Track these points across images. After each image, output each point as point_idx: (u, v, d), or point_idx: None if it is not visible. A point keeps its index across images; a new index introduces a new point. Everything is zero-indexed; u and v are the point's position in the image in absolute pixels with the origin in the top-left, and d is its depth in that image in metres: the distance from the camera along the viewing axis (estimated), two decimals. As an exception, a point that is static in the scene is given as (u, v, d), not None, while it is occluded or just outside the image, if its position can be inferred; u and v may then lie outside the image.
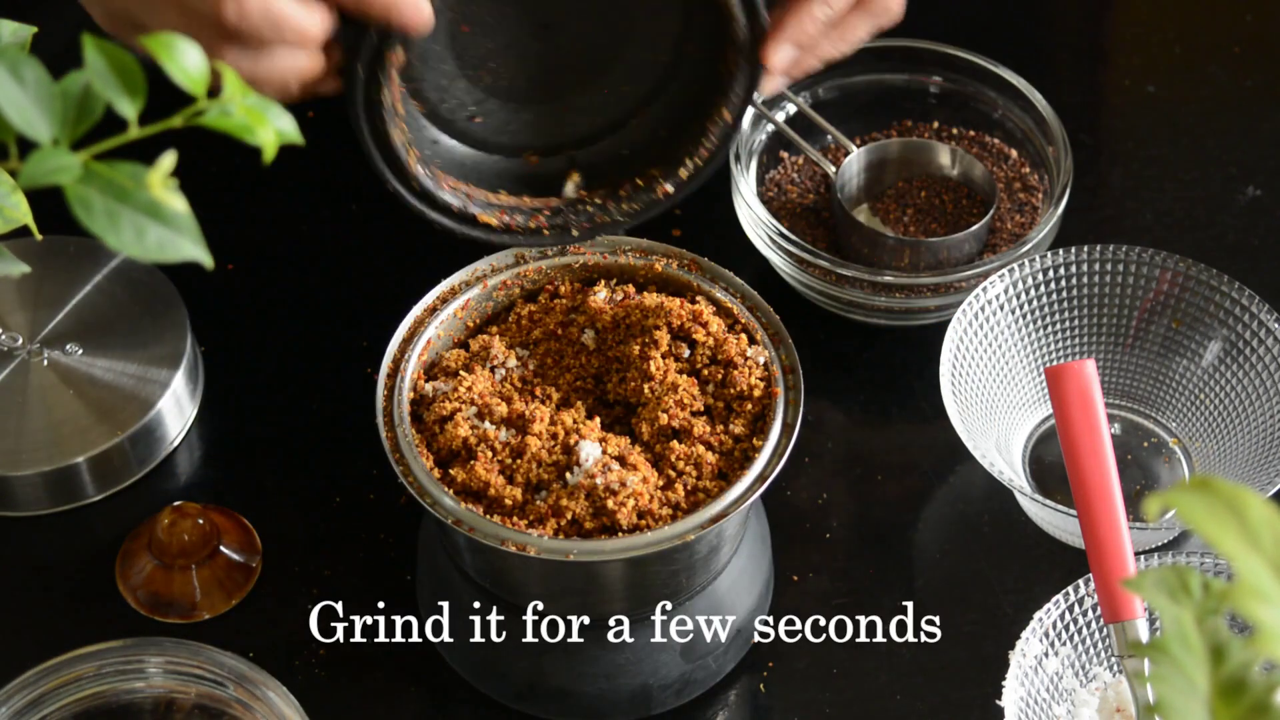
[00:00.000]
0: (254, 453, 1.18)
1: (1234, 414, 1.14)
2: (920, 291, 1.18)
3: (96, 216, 0.69)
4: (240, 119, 0.72)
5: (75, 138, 0.71)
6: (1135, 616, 0.97)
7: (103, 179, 0.69)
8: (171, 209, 0.69)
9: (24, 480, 1.12)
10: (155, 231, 0.69)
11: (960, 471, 1.17)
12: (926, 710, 1.07)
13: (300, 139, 0.75)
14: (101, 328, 1.17)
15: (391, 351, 1.02)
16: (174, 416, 1.16)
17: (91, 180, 0.69)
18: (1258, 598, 0.64)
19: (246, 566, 1.11)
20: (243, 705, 1.00)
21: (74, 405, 1.14)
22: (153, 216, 0.69)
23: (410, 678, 1.08)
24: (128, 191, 0.69)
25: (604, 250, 1.06)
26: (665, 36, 1.04)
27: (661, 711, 1.06)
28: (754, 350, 1.02)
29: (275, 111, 0.73)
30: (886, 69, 1.29)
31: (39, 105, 0.70)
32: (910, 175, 1.26)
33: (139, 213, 0.69)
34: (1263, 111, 1.36)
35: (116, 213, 0.69)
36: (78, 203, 0.69)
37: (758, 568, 1.08)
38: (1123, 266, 1.16)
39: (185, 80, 0.71)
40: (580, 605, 1.02)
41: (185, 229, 0.70)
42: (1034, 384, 1.17)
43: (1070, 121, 1.28)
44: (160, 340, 1.17)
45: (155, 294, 1.19)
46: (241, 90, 0.72)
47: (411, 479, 0.97)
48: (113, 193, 0.69)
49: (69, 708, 1.01)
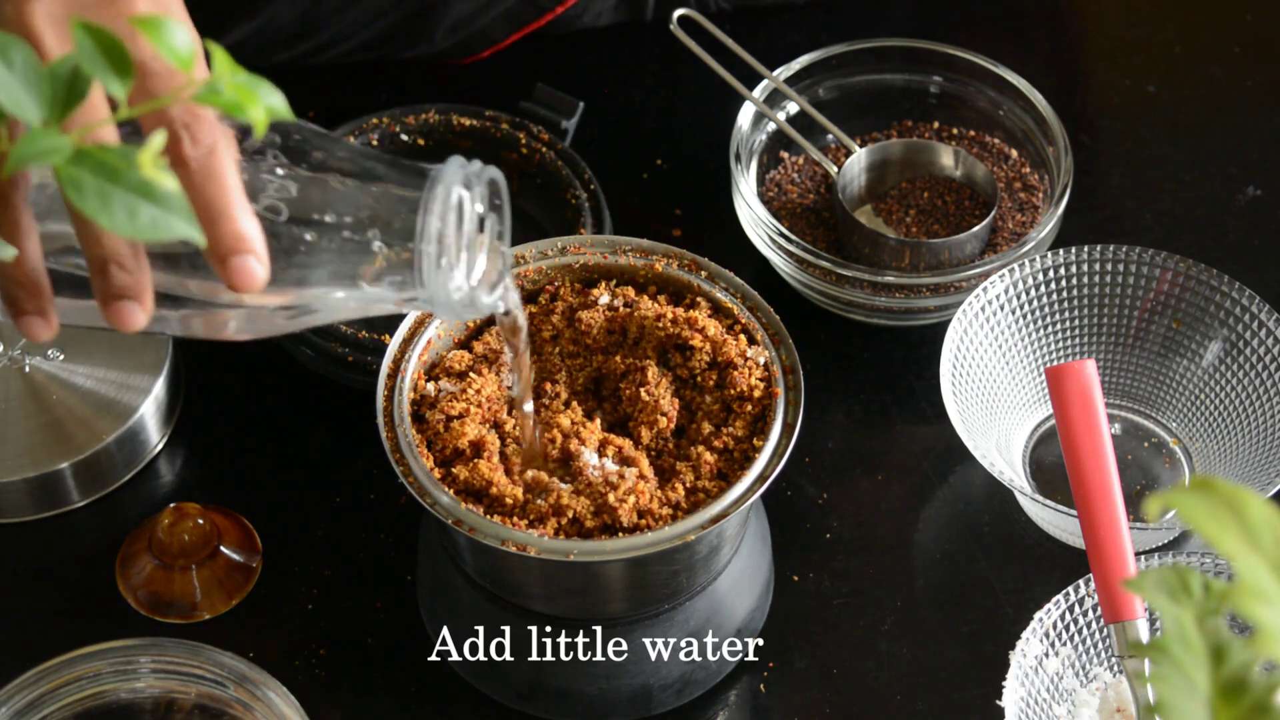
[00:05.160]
0: (239, 454, 1.17)
1: (1234, 414, 1.14)
2: (920, 291, 1.18)
3: (88, 197, 0.69)
4: (230, 96, 0.72)
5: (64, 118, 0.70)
6: (1135, 616, 0.97)
7: (93, 160, 0.69)
8: (163, 188, 0.69)
9: (9, 487, 1.12)
10: (147, 211, 0.69)
11: (960, 471, 1.17)
12: (926, 710, 1.07)
13: (291, 115, 0.74)
14: (83, 334, 1.17)
15: (391, 351, 1.02)
16: (157, 421, 1.16)
17: (82, 161, 0.69)
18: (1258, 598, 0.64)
19: (246, 566, 1.11)
20: (243, 705, 1.00)
21: (57, 411, 1.14)
22: (144, 196, 0.69)
23: (410, 678, 1.08)
24: (119, 172, 0.69)
25: (604, 250, 1.06)
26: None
27: (661, 711, 1.06)
28: (754, 351, 1.02)
29: (265, 89, 0.72)
30: (886, 69, 1.29)
31: (27, 87, 0.70)
32: (913, 176, 1.26)
33: (130, 193, 0.69)
34: (1263, 111, 1.36)
35: (108, 193, 0.69)
36: (69, 183, 0.68)
37: (758, 568, 1.08)
38: (1123, 266, 1.16)
39: (174, 59, 0.71)
40: (580, 605, 1.02)
41: (177, 208, 0.69)
42: (1034, 384, 1.17)
43: (1070, 121, 1.28)
44: (142, 346, 1.16)
45: None
46: (231, 68, 0.72)
47: (411, 479, 0.97)
48: (104, 173, 0.69)
49: (69, 708, 1.01)
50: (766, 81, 1.26)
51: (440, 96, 1.29)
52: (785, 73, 1.27)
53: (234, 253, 0.80)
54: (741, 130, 1.24)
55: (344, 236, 0.83)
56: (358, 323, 1.19)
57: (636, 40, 1.39)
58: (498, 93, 1.33)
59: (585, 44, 1.38)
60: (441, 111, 1.27)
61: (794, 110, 1.27)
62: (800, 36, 1.37)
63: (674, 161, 1.33)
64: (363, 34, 1.33)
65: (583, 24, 1.38)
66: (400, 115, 1.26)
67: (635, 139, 1.34)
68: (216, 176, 0.79)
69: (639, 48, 1.39)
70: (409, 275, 0.84)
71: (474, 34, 1.35)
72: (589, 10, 1.38)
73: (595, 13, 1.38)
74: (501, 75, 1.37)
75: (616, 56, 1.38)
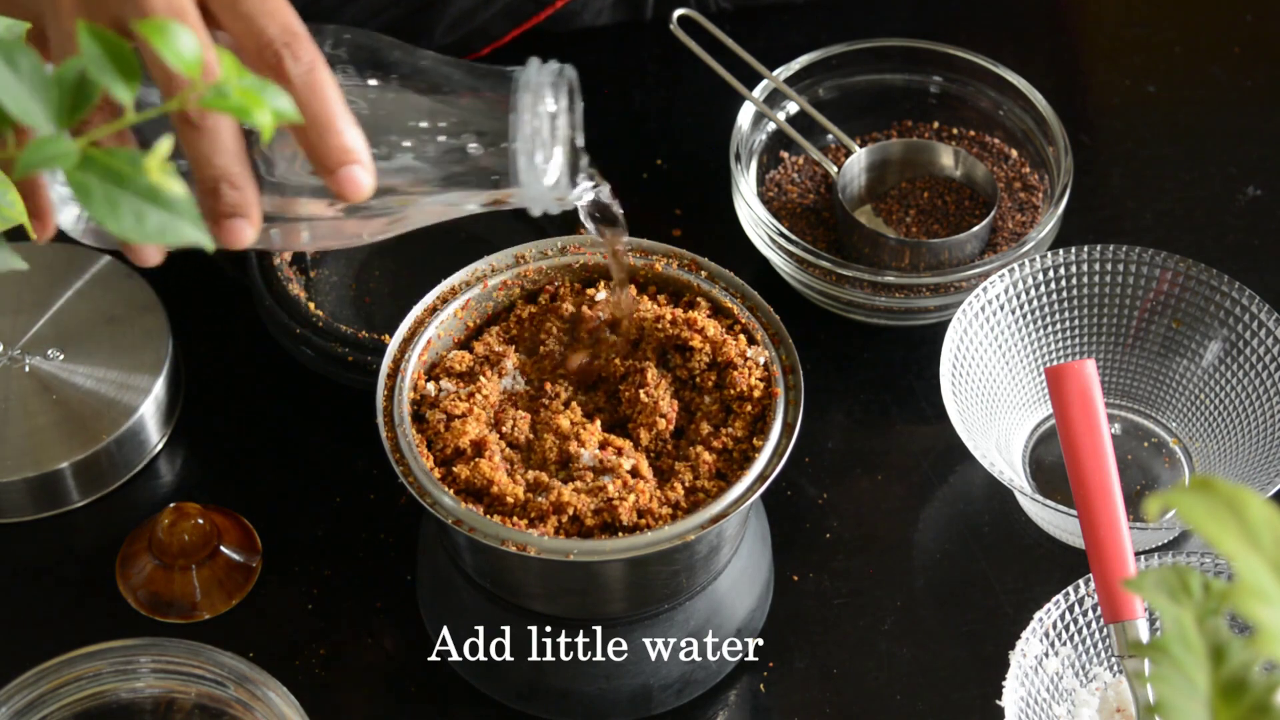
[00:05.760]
0: (239, 454, 1.17)
1: (1234, 414, 1.14)
2: (920, 291, 1.18)
3: (96, 202, 0.69)
4: (237, 100, 0.72)
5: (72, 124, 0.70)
6: (1135, 616, 0.97)
7: (101, 164, 0.69)
8: (171, 193, 0.69)
9: (9, 487, 1.12)
10: (155, 216, 0.69)
11: (960, 471, 1.17)
12: (926, 710, 1.07)
13: (299, 118, 0.75)
14: (83, 333, 1.17)
15: (391, 351, 1.02)
16: (157, 421, 1.16)
17: (90, 166, 0.69)
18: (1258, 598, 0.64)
19: (246, 566, 1.11)
20: (243, 705, 1.00)
21: (57, 411, 1.14)
22: (152, 201, 0.69)
23: (410, 678, 1.08)
24: (126, 176, 0.69)
25: (604, 250, 1.06)
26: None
27: (661, 711, 1.06)
28: (754, 350, 1.02)
29: (272, 92, 0.73)
30: (886, 69, 1.29)
31: (35, 93, 0.70)
32: (913, 176, 1.26)
33: (138, 197, 0.69)
34: (1263, 111, 1.36)
35: (116, 198, 0.69)
36: (77, 188, 0.69)
37: (758, 568, 1.08)
38: (1123, 266, 1.16)
39: (179, 64, 0.71)
40: (580, 605, 1.02)
41: (185, 212, 0.70)
42: (1034, 384, 1.17)
43: (1070, 121, 1.28)
44: (142, 346, 1.16)
45: (136, 299, 1.18)
46: (238, 72, 0.72)
47: (411, 479, 0.97)
48: (112, 178, 0.69)
49: (69, 708, 1.01)
50: (766, 81, 1.26)
51: (440, 96, 1.29)
52: (785, 73, 1.27)
53: (342, 163, 0.84)
54: (741, 130, 1.24)
55: (439, 142, 0.88)
56: (358, 323, 1.19)
57: (636, 40, 1.39)
58: (497, 93, 1.33)
59: (585, 44, 1.38)
60: (441, 111, 1.27)
61: (794, 110, 1.27)
62: (800, 36, 1.37)
63: (674, 161, 1.33)
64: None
65: (582, 22, 1.38)
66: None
67: (635, 139, 1.34)
68: (319, 91, 0.83)
69: (639, 47, 1.39)
70: (504, 174, 0.89)
71: (474, 30, 1.35)
72: (588, 8, 1.38)
73: (595, 10, 1.38)
74: (501, 75, 1.36)
75: (616, 56, 1.38)
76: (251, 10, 0.83)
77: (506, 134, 0.89)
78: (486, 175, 0.90)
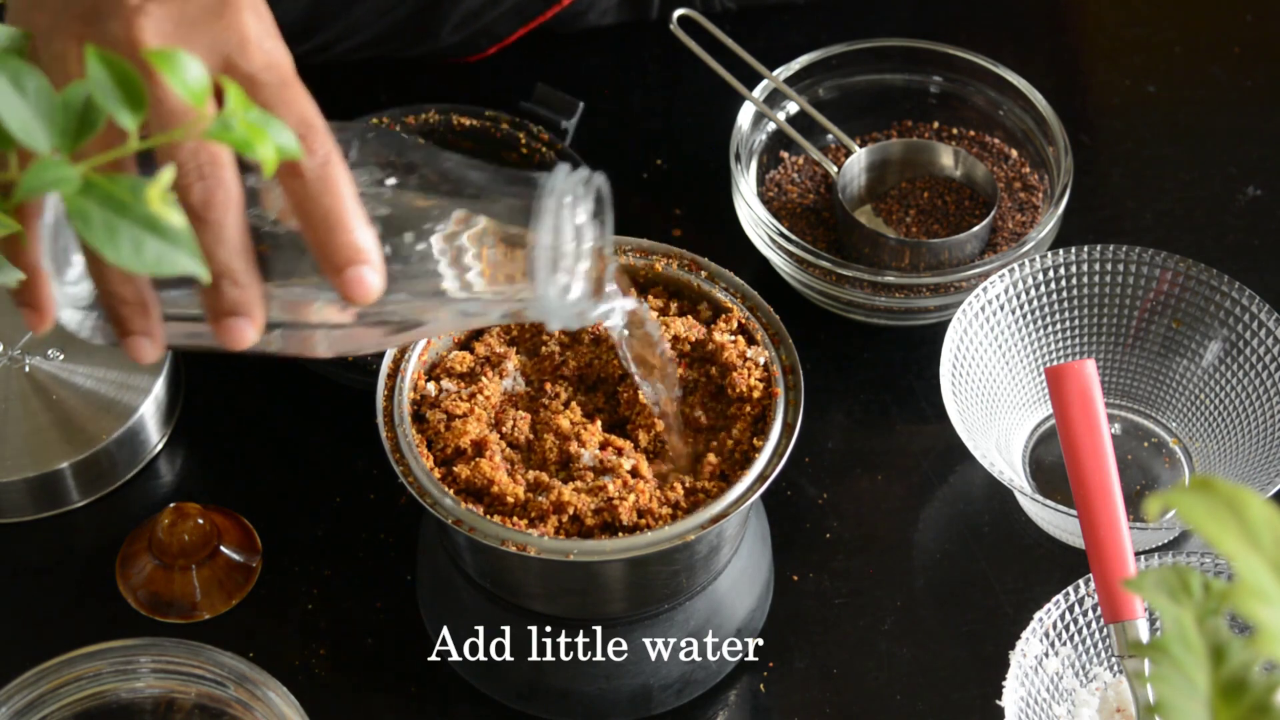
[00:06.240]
0: (239, 454, 1.17)
1: (1234, 414, 1.14)
2: (920, 291, 1.18)
3: (95, 229, 0.68)
4: (241, 134, 0.71)
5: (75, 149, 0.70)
6: (1135, 616, 0.97)
7: (102, 192, 0.69)
8: (169, 223, 0.69)
9: (9, 487, 1.12)
10: (153, 245, 0.69)
11: (960, 471, 1.17)
12: (926, 710, 1.07)
13: (302, 154, 0.74)
14: None
15: (391, 351, 1.02)
16: (157, 421, 1.16)
17: (90, 193, 0.69)
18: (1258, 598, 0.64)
19: (246, 566, 1.11)
20: (243, 705, 1.00)
21: (57, 411, 1.14)
22: (151, 230, 0.69)
23: (410, 678, 1.08)
24: (126, 205, 0.69)
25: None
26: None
27: (661, 711, 1.06)
28: (754, 351, 1.02)
29: (276, 127, 0.72)
30: (886, 69, 1.29)
31: (40, 116, 0.69)
32: (913, 176, 1.26)
33: (137, 226, 0.69)
34: (1263, 111, 1.36)
35: (115, 226, 0.68)
36: (76, 215, 0.68)
37: (758, 568, 1.08)
38: (1123, 266, 1.16)
39: (185, 94, 0.71)
40: (580, 605, 1.02)
41: (182, 243, 0.69)
42: (1034, 384, 1.17)
43: (1070, 121, 1.28)
44: None
45: None
46: (244, 104, 0.72)
47: (411, 479, 0.97)
48: (111, 206, 0.69)
49: (69, 708, 1.01)
50: (766, 81, 1.26)
51: (440, 96, 1.29)
52: (785, 73, 1.27)
53: (351, 263, 0.80)
54: (741, 130, 1.24)
55: (455, 246, 0.84)
56: None
57: (637, 40, 1.39)
58: (498, 92, 1.33)
59: (585, 44, 1.38)
60: (441, 111, 1.27)
61: (794, 110, 1.27)
62: (800, 36, 1.37)
63: (674, 161, 1.33)
64: (368, 30, 1.33)
65: (587, 22, 1.38)
66: (400, 115, 1.26)
67: (635, 139, 1.34)
68: (332, 186, 0.79)
69: (639, 48, 1.39)
70: (522, 285, 0.84)
71: (480, 30, 1.35)
72: (594, 8, 1.38)
73: (600, 10, 1.38)
74: (501, 75, 1.37)
75: (617, 56, 1.38)
76: (269, 99, 0.80)
77: (525, 243, 0.84)
78: (506, 285, 0.85)
